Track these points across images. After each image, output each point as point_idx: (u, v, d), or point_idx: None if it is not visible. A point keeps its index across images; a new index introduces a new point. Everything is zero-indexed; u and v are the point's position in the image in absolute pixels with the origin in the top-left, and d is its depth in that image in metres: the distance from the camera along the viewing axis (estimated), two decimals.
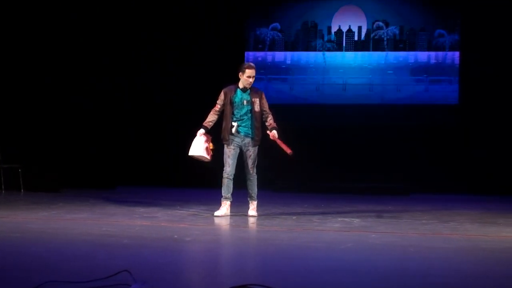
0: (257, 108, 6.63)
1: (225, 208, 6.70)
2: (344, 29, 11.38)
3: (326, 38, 11.43)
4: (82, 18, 11.17)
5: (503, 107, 10.66)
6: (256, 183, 6.75)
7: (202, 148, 6.67)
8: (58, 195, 9.00)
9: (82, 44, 11.18)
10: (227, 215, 6.65)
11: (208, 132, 6.76)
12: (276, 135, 6.63)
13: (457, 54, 11.01)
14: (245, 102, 6.62)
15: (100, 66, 11.25)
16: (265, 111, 6.71)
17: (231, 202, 6.74)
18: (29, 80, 10.98)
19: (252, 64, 6.68)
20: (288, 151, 6.56)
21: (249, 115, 6.64)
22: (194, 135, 6.78)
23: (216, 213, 6.67)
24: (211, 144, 6.76)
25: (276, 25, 11.57)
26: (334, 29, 11.44)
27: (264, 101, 6.72)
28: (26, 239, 4.92)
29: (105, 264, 3.85)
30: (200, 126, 6.76)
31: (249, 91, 6.66)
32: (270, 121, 6.71)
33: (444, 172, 10.68)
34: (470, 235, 5.46)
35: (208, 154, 6.72)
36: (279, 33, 11.53)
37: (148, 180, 11.13)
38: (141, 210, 7.19)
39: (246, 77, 6.57)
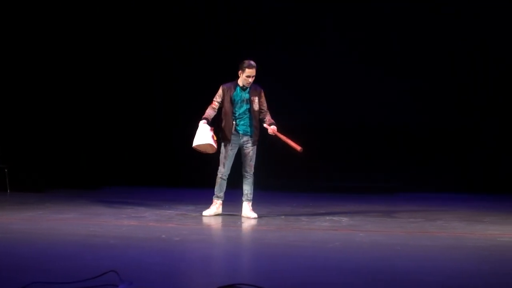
0: (255, 106, 6.47)
1: (214, 207, 6.64)
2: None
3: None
4: (76, 17, 11.07)
5: (485, 103, 10.70)
6: (252, 183, 6.63)
7: (209, 136, 6.36)
8: (44, 196, 8.93)
9: (71, 44, 11.09)
10: (218, 214, 6.61)
11: (209, 124, 6.47)
12: (276, 130, 6.48)
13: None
14: (245, 100, 6.47)
15: (85, 65, 11.18)
16: (263, 109, 6.53)
17: (222, 201, 6.71)
18: (14, 80, 10.87)
19: (252, 63, 6.38)
20: (298, 148, 6.38)
21: (248, 113, 6.48)
22: (189, 133, 6.62)
23: (204, 213, 6.64)
24: (214, 136, 6.51)
25: None
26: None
27: (263, 99, 6.56)
28: (12, 240, 4.88)
29: (92, 264, 3.83)
30: (200, 119, 6.50)
31: (248, 89, 6.47)
32: (267, 117, 6.55)
33: (431, 171, 10.74)
34: (457, 233, 5.49)
35: (215, 143, 6.45)
36: None
37: (135, 180, 11.08)
38: (128, 210, 7.16)
39: (246, 76, 6.36)
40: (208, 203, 6.72)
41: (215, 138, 6.47)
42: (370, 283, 3.51)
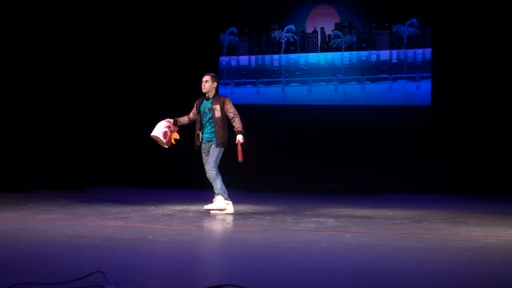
0: (217, 114, 6.96)
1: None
2: (317, 30, 11.49)
3: (291, 40, 11.54)
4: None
5: (474, 107, 10.82)
6: (215, 179, 6.95)
7: (160, 130, 6.98)
8: (28, 196, 8.87)
9: (62, 48, 11.02)
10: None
11: (175, 124, 7.15)
12: (241, 140, 6.86)
13: (428, 51, 11.13)
14: (207, 109, 7.04)
15: (72, 68, 11.13)
16: (229, 115, 6.98)
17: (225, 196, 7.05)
18: (3, 81, 10.77)
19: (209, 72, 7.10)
20: (240, 158, 6.78)
21: (211, 121, 7.01)
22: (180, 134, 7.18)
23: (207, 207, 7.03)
24: (175, 134, 7.08)
25: (233, 29, 11.64)
26: (308, 30, 11.54)
27: (228, 106, 7.00)
28: None
29: (78, 265, 3.81)
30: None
31: (211, 99, 7.04)
32: (236, 124, 6.96)
33: (417, 172, 10.83)
34: (441, 235, 5.54)
35: (165, 138, 6.98)
36: (236, 37, 11.65)
37: (120, 180, 11.05)
38: (114, 210, 7.13)
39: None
40: (195, 203, 6.72)
41: (174, 136, 7.06)
42: (356, 285, 3.53)
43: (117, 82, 11.51)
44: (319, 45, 11.48)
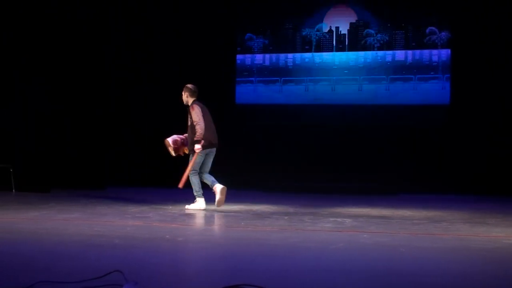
0: (189, 121, 7.34)
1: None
2: (333, 29, 11.45)
3: (313, 39, 11.50)
4: (81, 24, 11.10)
5: (493, 106, 10.71)
6: (192, 182, 7.32)
7: (172, 137, 7.48)
8: (49, 196, 8.97)
9: (77, 49, 11.11)
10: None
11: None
12: (196, 150, 7.17)
13: (448, 51, 11.03)
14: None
15: (91, 69, 11.21)
16: (193, 122, 7.26)
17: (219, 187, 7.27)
18: (20, 81, 10.89)
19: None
20: (180, 185, 7.25)
21: (188, 129, 7.40)
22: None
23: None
24: (186, 148, 7.45)
25: (251, 27, 11.68)
26: (325, 29, 11.51)
27: (191, 113, 7.29)
28: (17, 240, 4.90)
29: (97, 264, 3.84)
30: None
31: (189, 107, 7.40)
32: (196, 131, 7.22)
33: (434, 172, 10.74)
34: (461, 235, 5.48)
35: (174, 145, 7.40)
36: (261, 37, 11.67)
37: (139, 180, 11.11)
38: (132, 210, 7.18)
39: None
40: (212, 203, 6.73)
41: (179, 143, 7.43)
42: (375, 285, 3.51)
43: (135, 81, 11.58)
44: (334, 44, 11.43)
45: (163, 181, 10.93)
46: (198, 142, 7.13)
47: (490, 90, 10.70)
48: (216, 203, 7.21)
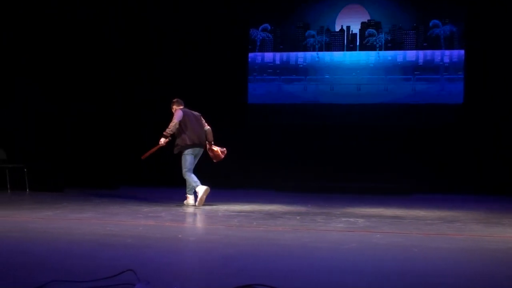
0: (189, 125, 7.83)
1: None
2: (345, 28, 11.40)
3: (324, 38, 11.46)
4: (90, 24, 11.14)
5: (508, 105, 10.61)
6: (187, 181, 7.74)
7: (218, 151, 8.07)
8: (62, 195, 9.02)
9: (88, 50, 11.16)
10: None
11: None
12: (160, 142, 7.81)
13: (462, 52, 10.96)
14: None
15: (105, 70, 11.26)
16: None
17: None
18: (34, 82, 10.96)
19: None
20: (143, 156, 7.90)
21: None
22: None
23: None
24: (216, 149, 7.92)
25: (266, 25, 11.64)
26: (337, 28, 11.47)
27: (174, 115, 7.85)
28: (30, 239, 4.94)
29: (109, 263, 3.86)
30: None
31: None
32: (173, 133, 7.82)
33: (448, 172, 10.66)
34: (475, 236, 5.44)
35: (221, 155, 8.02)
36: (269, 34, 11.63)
37: (151, 180, 11.15)
38: (145, 209, 7.20)
39: None
40: (224, 202, 6.74)
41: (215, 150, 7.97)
42: (387, 285, 3.49)
43: (148, 80, 11.61)
44: (345, 44, 11.39)
45: (175, 181, 10.97)
46: (165, 136, 7.69)
47: (505, 88, 10.60)
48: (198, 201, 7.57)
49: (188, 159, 7.69)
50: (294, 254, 4.47)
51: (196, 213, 6.97)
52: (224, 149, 7.94)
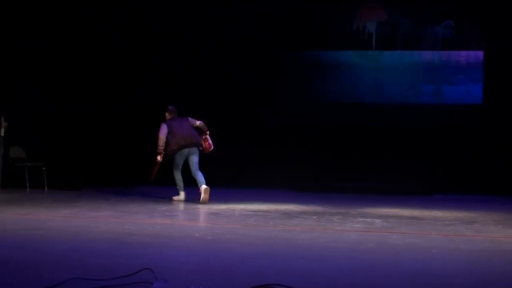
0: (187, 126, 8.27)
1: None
2: (372, 28, 11.29)
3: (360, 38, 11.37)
4: (95, 25, 11.17)
5: None
6: (175, 180, 8.28)
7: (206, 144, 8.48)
8: (80, 193, 9.10)
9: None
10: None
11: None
12: (158, 160, 8.17)
13: (480, 53, 10.85)
14: None
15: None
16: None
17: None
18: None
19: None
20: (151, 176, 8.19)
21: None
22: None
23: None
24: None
25: None
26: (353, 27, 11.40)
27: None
28: (49, 237, 4.98)
29: (127, 262, 3.88)
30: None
31: None
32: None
33: (467, 173, 10.56)
34: (494, 237, 5.39)
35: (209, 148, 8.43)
36: None
37: (168, 179, 11.18)
38: (162, 208, 7.23)
39: None
40: (241, 202, 6.74)
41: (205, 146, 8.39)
42: (405, 286, 3.47)
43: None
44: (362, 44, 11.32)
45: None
46: (159, 153, 8.12)
47: None
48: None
49: (176, 161, 8.25)
50: (310, 254, 4.46)
51: (213, 212, 6.98)
52: (212, 147, 8.37)
